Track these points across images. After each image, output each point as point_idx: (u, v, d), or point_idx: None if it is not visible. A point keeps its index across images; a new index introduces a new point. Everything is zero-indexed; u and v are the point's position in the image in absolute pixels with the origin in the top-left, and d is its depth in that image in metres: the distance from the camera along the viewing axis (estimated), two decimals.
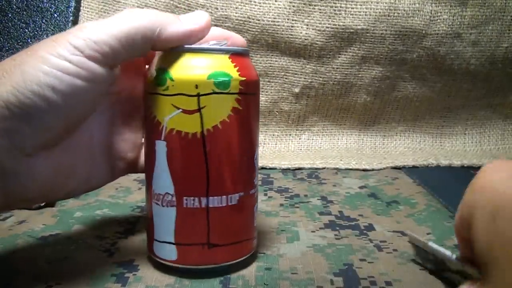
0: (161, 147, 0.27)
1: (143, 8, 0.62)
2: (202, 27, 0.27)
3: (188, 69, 0.26)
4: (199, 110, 0.26)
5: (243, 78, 0.27)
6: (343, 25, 0.62)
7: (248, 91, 0.28)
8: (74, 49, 0.24)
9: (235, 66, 0.27)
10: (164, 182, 0.27)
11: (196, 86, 0.26)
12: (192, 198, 0.27)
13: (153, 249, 0.29)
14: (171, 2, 0.62)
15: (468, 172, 0.59)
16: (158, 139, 0.27)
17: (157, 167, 0.27)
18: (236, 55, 0.28)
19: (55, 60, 0.23)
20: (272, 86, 0.66)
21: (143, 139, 0.31)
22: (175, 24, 0.26)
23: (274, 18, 0.62)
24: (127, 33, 0.25)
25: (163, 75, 0.26)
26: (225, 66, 0.27)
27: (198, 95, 0.26)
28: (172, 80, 0.26)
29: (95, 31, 0.24)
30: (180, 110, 0.26)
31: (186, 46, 0.27)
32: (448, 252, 0.26)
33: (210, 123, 0.26)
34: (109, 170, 0.31)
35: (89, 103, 0.26)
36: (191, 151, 0.27)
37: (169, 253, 0.28)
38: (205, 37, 0.28)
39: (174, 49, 0.27)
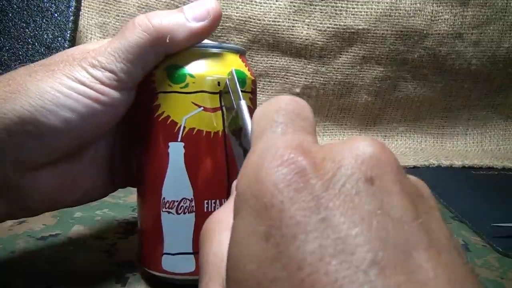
0: (177, 149, 0.25)
1: (143, 8, 0.62)
2: (211, 23, 0.26)
3: (208, 66, 0.25)
4: (221, 108, 0.25)
5: (253, 78, 0.27)
6: (344, 25, 0.62)
7: (256, 90, 0.28)
8: (92, 78, 0.24)
9: (245, 66, 0.27)
10: (180, 187, 0.25)
11: (218, 83, 0.25)
12: (213, 200, 0.26)
13: (161, 266, 0.26)
14: (171, 1, 0.62)
15: (469, 173, 0.59)
16: (173, 141, 0.25)
17: (171, 172, 0.25)
18: (244, 54, 0.28)
19: (74, 84, 0.23)
20: (272, 86, 0.66)
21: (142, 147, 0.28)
22: (184, 27, 0.25)
23: (275, 18, 0.62)
24: (140, 53, 0.24)
25: (179, 72, 0.25)
26: (240, 65, 0.27)
27: (220, 92, 0.25)
28: (192, 77, 0.25)
29: (110, 59, 0.24)
30: (201, 108, 0.25)
31: (200, 43, 0.26)
32: (249, 126, 0.21)
33: None
34: (112, 181, 0.30)
35: (105, 125, 0.26)
36: (213, 151, 0.25)
37: (185, 265, 0.26)
38: (217, 27, 0.27)
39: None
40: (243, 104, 0.22)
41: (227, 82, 0.25)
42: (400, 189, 0.14)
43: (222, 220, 0.17)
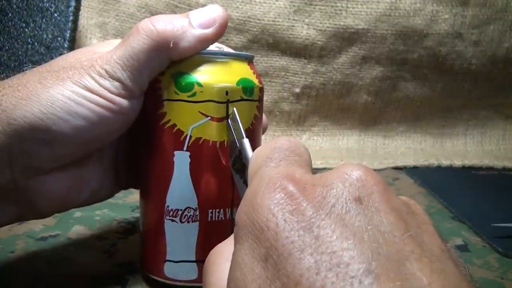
0: (182, 158, 0.25)
1: (143, 8, 0.62)
2: (217, 30, 0.25)
3: (217, 74, 0.25)
4: (227, 117, 0.25)
5: (261, 85, 0.27)
6: (344, 25, 0.62)
7: (262, 97, 0.27)
8: (101, 87, 0.24)
9: (253, 73, 0.27)
10: (185, 196, 0.25)
11: (226, 93, 0.25)
12: (218, 210, 0.25)
13: (163, 272, 0.26)
14: (171, 2, 0.62)
15: (469, 173, 0.59)
16: (179, 150, 0.25)
17: (176, 181, 0.25)
18: (252, 61, 0.27)
19: (85, 92, 0.23)
20: (272, 86, 0.66)
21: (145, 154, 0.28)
22: (189, 32, 0.24)
23: (275, 18, 0.62)
24: (145, 59, 0.24)
25: (187, 79, 0.25)
26: (248, 73, 0.26)
27: (228, 102, 0.25)
28: (200, 85, 0.24)
29: (116, 68, 0.24)
30: (209, 117, 0.25)
31: (208, 50, 0.26)
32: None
33: None
34: (117, 182, 0.30)
35: (115, 132, 0.26)
36: (218, 160, 0.25)
37: (188, 272, 0.26)
38: (222, 35, 0.26)
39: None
40: (246, 142, 0.22)
41: (229, 122, 0.25)
42: (388, 207, 0.14)
43: (224, 251, 0.18)
